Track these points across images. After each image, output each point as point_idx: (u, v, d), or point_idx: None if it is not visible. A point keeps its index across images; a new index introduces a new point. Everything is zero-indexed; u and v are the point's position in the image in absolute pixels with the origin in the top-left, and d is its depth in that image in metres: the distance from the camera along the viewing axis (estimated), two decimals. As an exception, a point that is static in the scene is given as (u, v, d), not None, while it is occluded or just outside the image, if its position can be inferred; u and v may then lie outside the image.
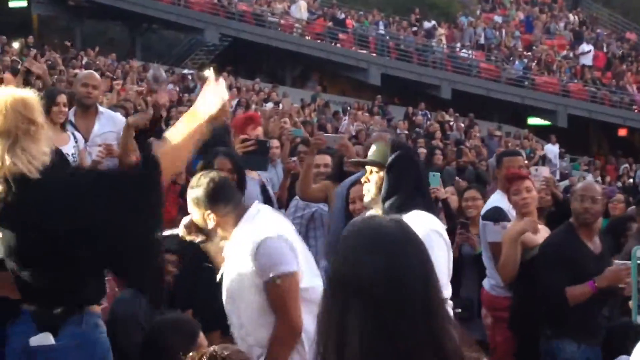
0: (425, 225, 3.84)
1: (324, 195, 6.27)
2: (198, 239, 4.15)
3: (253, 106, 19.46)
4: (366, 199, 4.20)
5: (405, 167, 4.04)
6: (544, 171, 6.93)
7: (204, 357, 2.76)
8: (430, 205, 4.19)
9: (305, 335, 3.89)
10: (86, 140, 6.63)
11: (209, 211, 3.96)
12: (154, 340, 3.87)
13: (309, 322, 3.84)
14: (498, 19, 36.93)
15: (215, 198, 3.96)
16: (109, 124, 6.86)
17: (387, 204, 4.01)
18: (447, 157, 12.37)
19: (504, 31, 35.43)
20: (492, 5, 39.39)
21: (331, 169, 6.62)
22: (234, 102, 20.09)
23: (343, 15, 32.99)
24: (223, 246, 4.05)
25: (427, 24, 33.83)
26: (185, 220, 4.17)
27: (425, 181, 4.31)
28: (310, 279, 3.96)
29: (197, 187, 4.00)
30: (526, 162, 17.64)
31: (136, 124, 6.31)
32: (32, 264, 3.27)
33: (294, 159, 6.95)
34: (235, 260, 3.93)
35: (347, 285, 1.78)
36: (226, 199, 4.00)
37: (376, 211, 4.08)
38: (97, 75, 7.37)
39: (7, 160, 3.20)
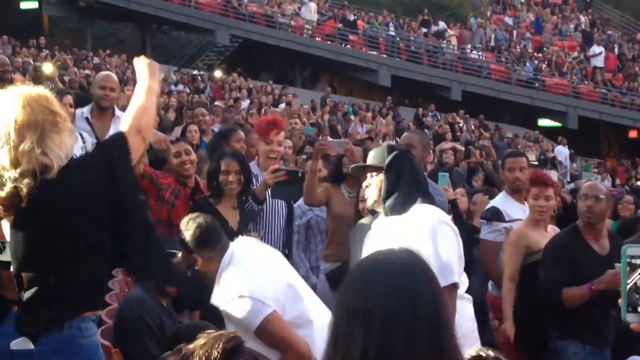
0: (430, 216, 3.99)
1: (326, 198, 6.31)
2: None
3: (263, 108, 19.47)
4: (368, 202, 4.31)
5: (402, 166, 4.15)
6: (552, 175, 6.94)
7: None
8: (429, 196, 4.25)
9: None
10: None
11: (193, 256, 4.13)
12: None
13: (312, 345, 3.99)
14: (509, 20, 36.89)
15: (201, 243, 4.12)
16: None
17: (387, 203, 4.12)
18: (456, 157, 12.35)
19: (514, 32, 35.38)
20: (502, 7, 39.34)
21: (328, 171, 6.63)
22: (245, 104, 20.13)
23: (353, 17, 33.00)
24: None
25: (437, 26, 33.80)
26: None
27: (423, 179, 4.38)
28: (294, 307, 4.07)
29: (186, 231, 4.16)
30: (536, 163, 17.65)
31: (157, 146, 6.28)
32: (36, 263, 3.27)
33: (304, 157, 6.97)
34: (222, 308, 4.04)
35: (352, 309, 1.80)
36: (212, 244, 4.14)
37: (380, 212, 4.22)
38: (114, 77, 7.34)
39: (38, 151, 3.21)
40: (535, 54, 33.73)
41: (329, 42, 31.47)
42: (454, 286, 3.97)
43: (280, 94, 24.13)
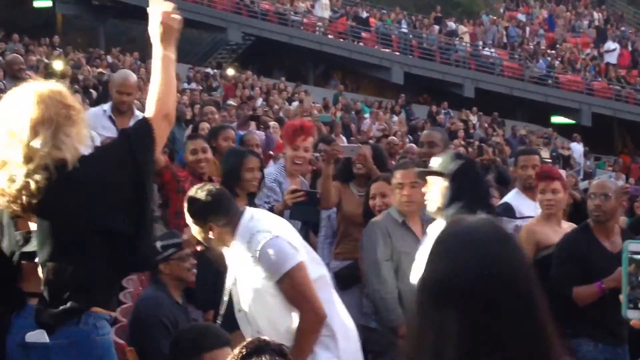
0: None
1: (338, 198, 6.33)
2: (199, 247, 4.29)
3: (275, 106, 19.49)
4: (430, 207, 4.34)
5: (466, 176, 4.19)
6: (563, 172, 6.93)
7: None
8: (492, 213, 4.34)
9: (334, 328, 4.02)
10: None
11: (208, 224, 4.05)
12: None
13: (329, 310, 4.00)
14: (522, 17, 36.78)
15: (215, 209, 4.05)
16: None
17: (449, 211, 4.14)
18: (469, 155, 12.33)
19: (527, 29, 35.28)
20: (515, 3, 39.23)
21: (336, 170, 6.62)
22: (259, 102, 20.16)
23: (366, 14, 32.97)
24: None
25: (450, 23, 33.75)
26: (185, 234, 4.26)
27: (486, 190, 4.42)
28: (316, 269, 4.09)
29: (195, 201, 4.08)
30: (549, 160, 17.60)
31: None
32: (59, 255, 3.30)
33: (317, 155, 6.94)
34: (240, 270, 4.04)
35: (445, 290, 1.70)
36: (226, 209, 4.08)
37: (440, 219, 4.27)
38: (132, 79, 7.14)
39: (51, 146, 3.23)
40: (549, 50, 33.62)
41: (341, 40, 31.45)
42: None
43: (293, 91, 24.13)
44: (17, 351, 3.36)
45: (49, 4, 31.01)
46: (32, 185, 3.20)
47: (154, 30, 3.60)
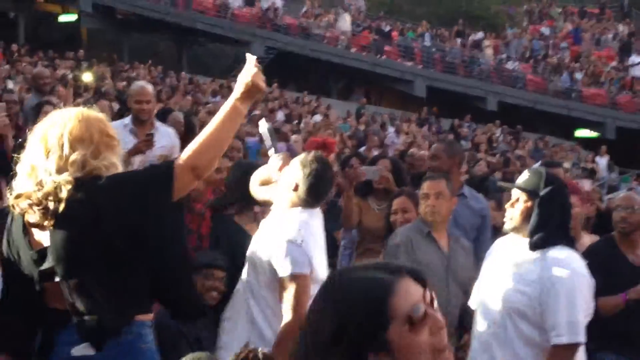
0: (570, 266, 3.98)
1: (358, 217, 6.37)
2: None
3: (303, 119, 19.53)
4: (509, 225, 4.23)
5: (557, 202, 4.10)
6: (585, 185, 6.90)
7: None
8: (571, 240, 4.23)
9: None
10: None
11: (299, 183, 4.29)
12: None
13: None
14: (545, 30, 36.66)
15: (316, 183, 4.30)
16: (164, 139, 6.95)
17: (534, 237, 4.07)
18: (492, 166, 12.31)
19: (550, 42, 35.16)
20: (539, 17, 39.12)
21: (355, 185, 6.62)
22: (280, 115, 20.20)
23: (388, 28, 32.99)
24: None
25: (474, 36, 33.70)
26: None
27: (570, 215, 4.34)
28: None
29: (312, 162, 4.31)
30: (569, 171, 17.47)
31: None
32: (83, 269, 3.30)
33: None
34: (262, 245, 4.35)
35: None
36: (320, 193, 4.36)
37: (517, 237, 4.18)
38: (148, 88, 7.27)
39: (89, 161, 3.26)
40: (573, 64, 33.47)
41: (364, 53, 31.49)
42: (577, 345, 4.00)
43: (316, 105, 24.17)
44: None
45: (74, 18, 31.29)
46: (61, 193, 3.21)
47: (242, 80, 3.40)
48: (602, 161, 25.42)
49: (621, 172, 27.23)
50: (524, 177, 4.22)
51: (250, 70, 3.40)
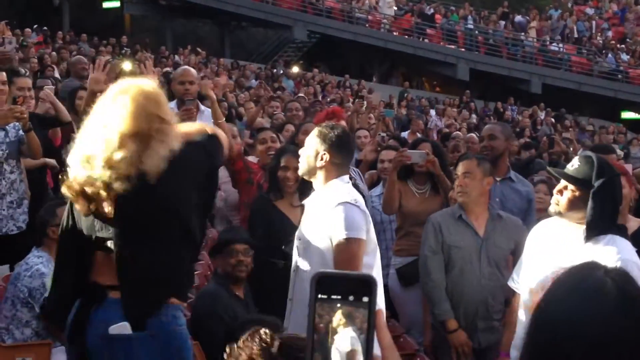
0: (621, 256, 3.84)
1: (398, 203, 6.28)
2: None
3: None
4: (553, 208, 4.07)
5: (609, 193, 3.97)
6: (628, 167, 6.82)
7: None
8: (623, 229, 4.11)
9: None
10: None
11: (326, 152, 4.21)
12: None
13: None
14: (590, 11, 36.17)
15: (340, 146, 4.25)
16: (209, 122, 6.98)
17: (588, 229, 3.93)
18: (538, 149, 12.21)
19: (594, 23, 34.68)
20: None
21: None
22: (324, 99, 20.18)
23: (432, 11, 32.79)
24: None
25: (518, 17, 33.37)
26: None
27: (621, 204, 4.25)
28: (369, 258, 4.19)
29: (331, 130, 4.29)
30: (622, 158, 17.27)
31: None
32: (139, 241, 3.37)
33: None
34: (314, 215, 4.26)
35: (554, 334, 1.62)
36: (346, 152, 4.33)
37: (562, 220, 4.07)
38: (192, 70, 7.38)
39: (134, 160, 3.31)
40: (618, 45, 33.00)
41: (406, 37, 31.33)
42: None
43: (358, 88, 24.13)
44: (100, 344, 3.41)
45: (117, 4, 31.51)
46: (108, 191, 3.29)
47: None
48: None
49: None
50: (574, 164, 4.05)
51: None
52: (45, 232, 5.02)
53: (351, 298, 1.34)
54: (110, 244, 3.41)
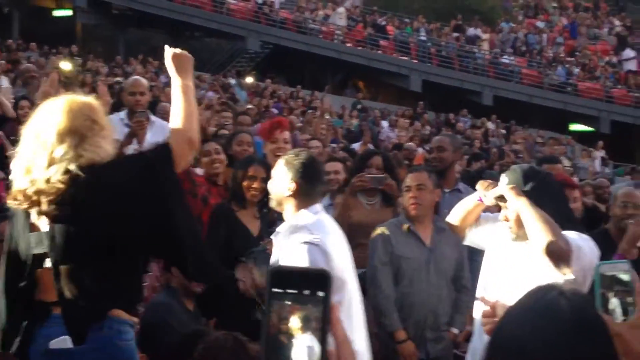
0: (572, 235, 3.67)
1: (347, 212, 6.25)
2: None
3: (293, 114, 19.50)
4: (512, 237, 3.88)
5: (545, 194, 3.81)
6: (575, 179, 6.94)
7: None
8: (579, 229, 3.87)
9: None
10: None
11: (292, 181, 4.09)
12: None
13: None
14: (540, 24, 36.66)
15: (307, 174, 4.12)
16: (162, 133, 6.91)
17: None
18: (488, 160, 12.37)
19: (545, 36, 35.15)
20: (534, 11, 39.10)
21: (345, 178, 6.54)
22: (274, 110, 20.18)
23: (384, 22, 32.97)
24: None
25: (470, 30, 33.69)
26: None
27: (566, 205, 4.13)
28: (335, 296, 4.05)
29: (297, 157, 4.17)
30: (571, 169, 17.52)
31: None
32: (73, 256, 3.33)
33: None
34: (282, 249, 4.09)
35: (507, 353, 1.63)
36: (315, 180, 4.17)
37: (525, 244, 3.78)
38: (143, 80, 7.33)
39: (74, 153, 3.31)
40: (568, 58, 33.48)
41: (359, 48, 31.47)
42: None
43: (310, 99, 24.16)
44: (41, 359, 3.38)
45: (69, 13, 31.23)
46: (51, 189, 3.25)
47: (169, 65, 3.73)
48: (598, 155, 25.45)
49: (615, 166, 27.29)
50: (503, 180, 3.97)
51: (169, 53, 3.72)
52: None
53: (306, 292, 1.33)
54: (47, 260, 3.38)
